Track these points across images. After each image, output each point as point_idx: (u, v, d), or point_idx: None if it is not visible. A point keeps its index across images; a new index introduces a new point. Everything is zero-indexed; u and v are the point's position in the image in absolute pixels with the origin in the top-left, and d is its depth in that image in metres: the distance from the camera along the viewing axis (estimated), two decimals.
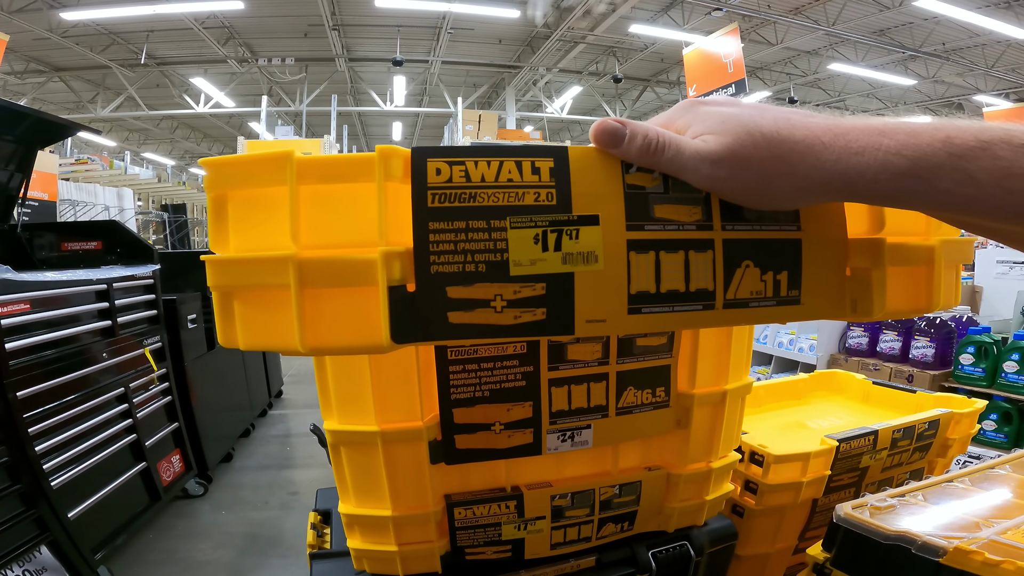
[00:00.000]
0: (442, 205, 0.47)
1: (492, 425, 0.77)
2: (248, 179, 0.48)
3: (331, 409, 0.76)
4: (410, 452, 0.76)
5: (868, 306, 0.56)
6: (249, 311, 0.50)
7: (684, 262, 0.51)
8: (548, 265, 0.48)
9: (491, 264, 0.48)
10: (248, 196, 0.49)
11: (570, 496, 0.84)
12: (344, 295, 0.47)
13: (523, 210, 0.48)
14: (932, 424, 1.20)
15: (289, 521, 3.33)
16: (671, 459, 0.90)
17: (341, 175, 0.48)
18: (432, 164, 0.47)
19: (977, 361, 3.03)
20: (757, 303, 0.54)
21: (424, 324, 0.48)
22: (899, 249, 0.57)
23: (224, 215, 0.49)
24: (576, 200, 0.49)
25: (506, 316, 0.49)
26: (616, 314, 0.50)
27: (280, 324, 0.48)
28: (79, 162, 12.17)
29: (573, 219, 0.48)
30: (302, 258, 0.46)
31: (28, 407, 2.27)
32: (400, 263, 0.47)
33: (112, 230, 3.52)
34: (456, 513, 0.81)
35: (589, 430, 0.81)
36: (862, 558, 0.82)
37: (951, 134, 0.40)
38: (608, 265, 0.49)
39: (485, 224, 0.47)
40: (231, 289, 0.50)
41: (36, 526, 2.25)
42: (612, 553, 0.91)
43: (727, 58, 10.55)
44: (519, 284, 0.48)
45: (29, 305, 2.36)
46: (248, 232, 0.49)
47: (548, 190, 0.48)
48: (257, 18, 11.59)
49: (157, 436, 3.14)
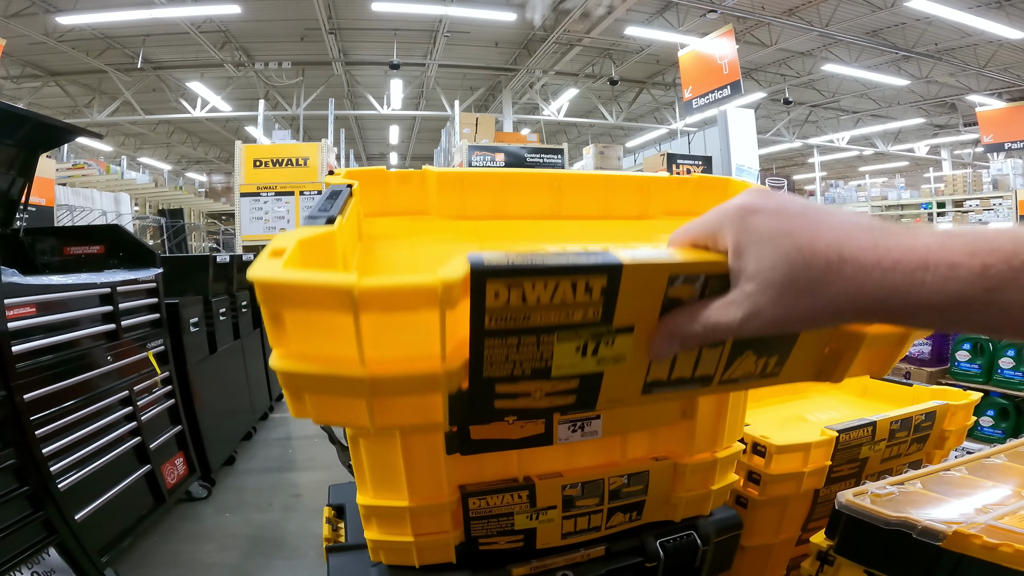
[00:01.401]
0: (498, 327, 0.49)
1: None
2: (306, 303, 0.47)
3: None
4: (427, 443, 0.78)
5: (830, 375, 0.62)
6: (321, 402, 0.52)
7: (696, 357, 0.56)
8: (584, 367, 0.53)
9: (536, 369, 0.52)
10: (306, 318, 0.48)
11: (580, 486, 0.87)
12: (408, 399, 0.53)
13: (571, 326, 0.50)
14: (928, 416, 1.23)
15: (292, 523, 3.34)
16: (677, 449, 0.92)
17: (403, 306, 0.47)
18: (491, 287, 0.47)
19: (973, 357, 3.06)
20: (745, 380, 0.60)
21: (475, 411, 0.54)
22: (876, 338, 0.62)
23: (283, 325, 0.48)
24: (619, 313, 0.51)
25: (542, 402, 0.54)
26: (632, 395, 0.57)
27: (351, 412, 0.52)
28: (76, 167, 12.16)
29: (612, 331, 0.52)
30: (373, 376, 0.48)
31: (35, 410, 2.28)
32: (458, 374, 0.51)
33: (114, 234, 3.53)
34: (471, 503, 0.83)
35: (599, 420, 0.84)
36: (865, 544, 0.84)
37: (987, 261, 0.40)
38: (632, 361, 0.54)
39: (535, 339, 0.50)
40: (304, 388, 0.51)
41: (44, 528, 2.26)
42: (621, 542, 0.93)
43: (722, 60, 10.61)
44: (558, 381, 0.53)
45: (35, 308, 2.38)
46: (309, 343, 0.49)
47: (596, 307, 0.50)
48: (253, 22, 11.62)
49: (161, 439, 3.15)
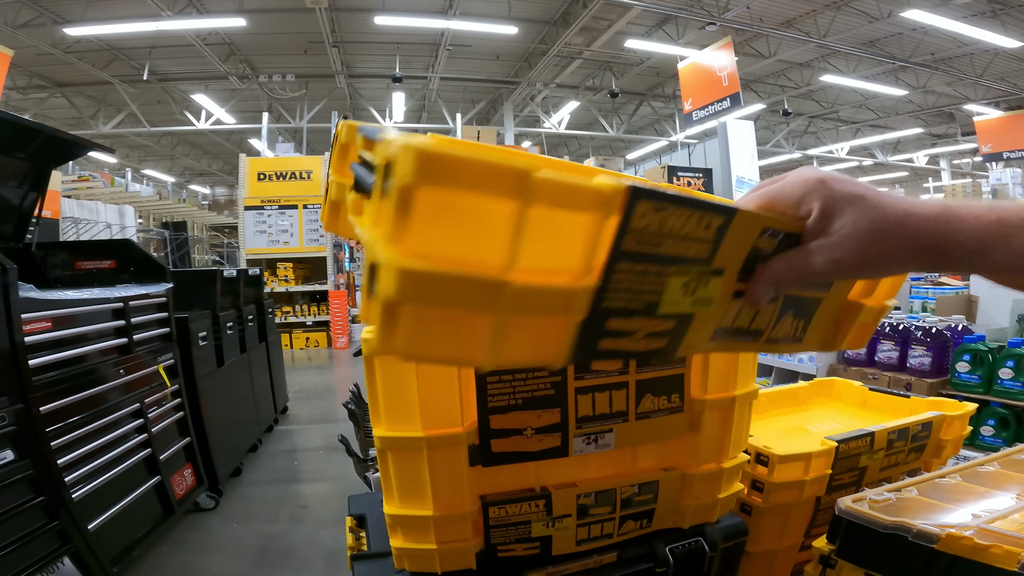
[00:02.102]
0: (634, 250, 0.48)
1: (524, 430, 0.85)
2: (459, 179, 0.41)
3: (380, 417, 0.83)
4: (451, 456, 0.83)
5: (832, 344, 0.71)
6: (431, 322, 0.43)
7: (754, 312, 0.60)
8: (683, 307, 0.53)
9: (648, 304, 0.51)
10: (456, 201, 0.41)
11: (594, 495, 0.91)
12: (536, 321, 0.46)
13: (683, 260, 0.51)
14: (925, 426, 1.28)
15: (300, 534, 3.37)
16: (685, 460, 0.97)
17: (571, 204, 0.44)
18: (641, 207, 0.46)
19: (973, 368, 3.10)
20: (784, 341, 0.65)
21: (581, 348, 0.50)
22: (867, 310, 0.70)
23: (410, 213, 0.40)
24: (719, 255, 0.53)
25: (639, 344, 0.52)
26: (703, 341, 0.57)
27: (467, 339, 0.45)
28: (81, 179, 12.27)
29: (709, 271, 0.53)
30: (517, 285, 0.43)
31: (50, 421, 2.33)
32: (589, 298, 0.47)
33: (125, 249, 3.58)
34: (491, 512, 0.88)
35: (611, 433, 0.89)
36: (864, 547, 0.89)
37: (1002, 215, 0.53)
38: (716, 307, 0.56)
39: (658, 269, 0.50)
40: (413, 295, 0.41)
41: (59, 538, 2.30)
42: (632, 549, 0.98)
43: (721, 71, 10.70)
44: (659, 320, 0.52)
45: (51, 323, 2.43)
46: (442, 239, 0.42)
47: (706, 245, 0.51)
48: (258, 35, 11.74)
49: (170, 450, 3.19)
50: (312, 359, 9.64)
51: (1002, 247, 0.53)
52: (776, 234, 0.56)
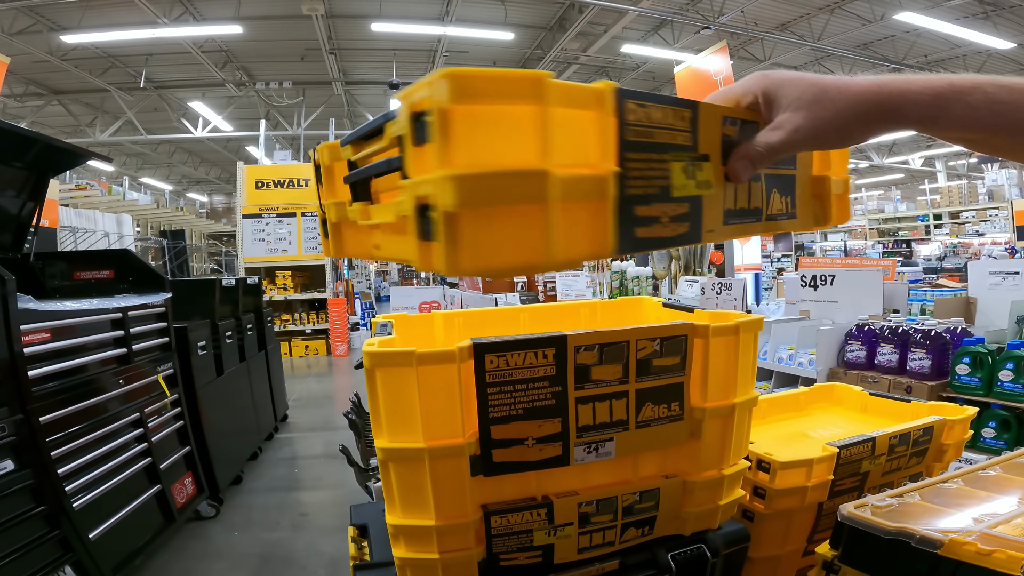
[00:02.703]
0: (635, 140, 0.56)
1: (525, 440, 0.85)
2: (486, 92, 0.46)
3: (381, 429, 0.83)
4: (452, 466, 0.83)
5: (825, 217, 0.80)
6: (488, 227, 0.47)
7: (748, 188, 0.69)
8: (689, 189, 0.62)
9: (661, 188, 0.59)
10: (483, 112, 0.46)
11: (595, 503, 0.91)
12: (581, 210, 0.52)
13: (675, 147, 0.60)
14: (926, 431, 1.28)
15: (301, 541, 3.37)
16: (686, 467, 0.97)
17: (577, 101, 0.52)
18: (629, 105, 0.56)
19: (973, 371, 3.09)
20: (781, 217, 0.74)
21: (622, 236, 0.55)
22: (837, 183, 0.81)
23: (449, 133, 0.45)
24: (700, 143, 0.62)
25: (668, 229, 0.60)
26: (718, 224, 0.66)
27: (527, 239, 0.48)
28: (78, 188, 12.23)
29: (698, 156, 0.62)
30: (558, 174, 0.48)
31: (50, 431, 2.33)
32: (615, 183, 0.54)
33: (123, 259, 3.59)
34: (493, 521, 0.88)
35: (612, 442, 0.89)
36: (867, 553, 0.89)
37: (953, 80, 0.59)
38: (717, 190, 0.65)
39: (658, 156, 0.59)
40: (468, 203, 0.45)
41: (61, 546, 2.31)
42: (634, 556, 0.98)
43: (717, 75, 10.71)
44: (676, 204, 0.60)
45: (50, 334, 2.43)
46: (482, 148, 0.46)
47: (687, 134, 0.61)
48: (255, 42, 11.75)
49: (171, 459, 3.19)
50: (312, 367, 9.64)
51: (957, 102, 0.58)
52: (735, 122, 0.65)
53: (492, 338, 0.82)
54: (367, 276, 16.84)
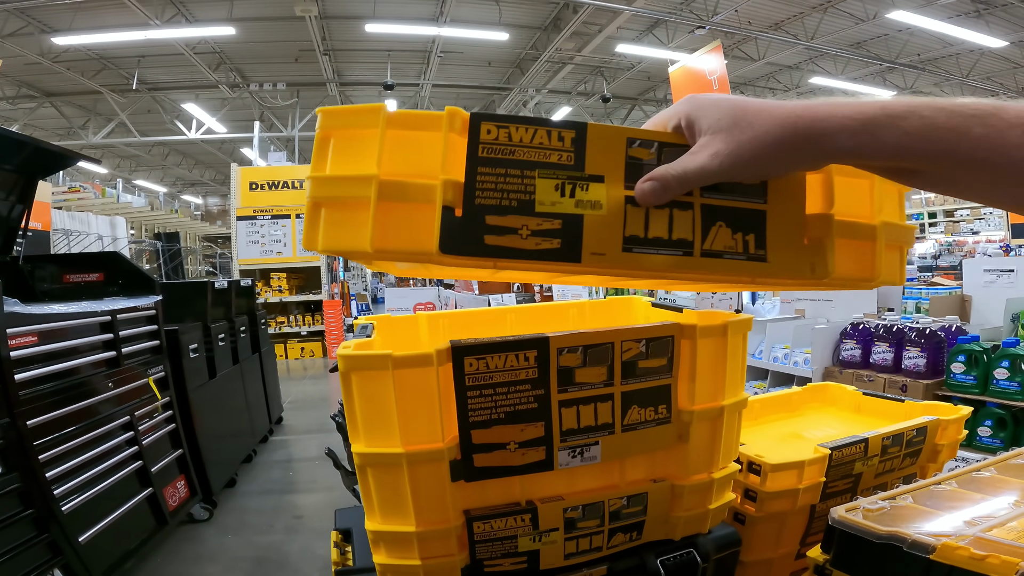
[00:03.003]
0: (489, 156, 0.61)
1: (507, 444, 0.83)
2: (349, 123, 0.64)
3: (358, 433, 0.81)
4: (432, 471, 0.81)
5: (824, 268, 0.68)
6: (333, 216, 0.63)
7: (668, 217, 0.64)
8: (564, 207, 0.62)
9: (522, 201, 0.62)
10: (347, 135, 0.64)
11: (581, 508, 0.89)
12: (408, 209, 0.61)
13: (548, 165, 0.62)
14: (920, 431, 1.26)
15: (295, 545, 3.35)
16: (675, 471, 0.95)
17: (418, 125, 0.63)
18: (484, 125, 0.62)
19: (968, 369, 3.09)
20: (730, 256, 0.66)
21: (465, 242, 0.61)
22: (847, 225, 0.69)
23: (326, 148, 0.64)
24: (589, 163, 0.63)
25: (529, 242, 0.62)
26: (613, 250, 0.63)
27: (356, 228, 0.61)
28: (72, 190, 12.21)
29: (584, 176, 0.63)
30: (383, 178, 0.61)
31: (38, 435, 2.32)
32: (453, 190, 0.61)
33: (113, 261, 3.56)
34: (475, 527, 0.86)
35: (597, 446, 0.87)
36: (858, 557, 0.87)
37: (886, 104, 0.54)
38: (609, 211, 0.63)
39: (520, 172, 0.62)
40: (322, 199, 0.63)
41: (49, 550, 2.30)
42: (622, 562, 0.96)
43: (711, 75, 10.71)
44: (541, 219, 0.62)
45: (37, 337, 2.41)
46: (344, 159, 0.63)
47: (568, 153, 0.62)
48: (248, 43, 11.73)
49: (162, 462, 3.17)
50: (307, 369, 9.61)
51: (890, 127, 0.53)
52: (650, 144, 0.64)
53: (471, 340, 0.80)
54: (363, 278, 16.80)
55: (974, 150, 0.51)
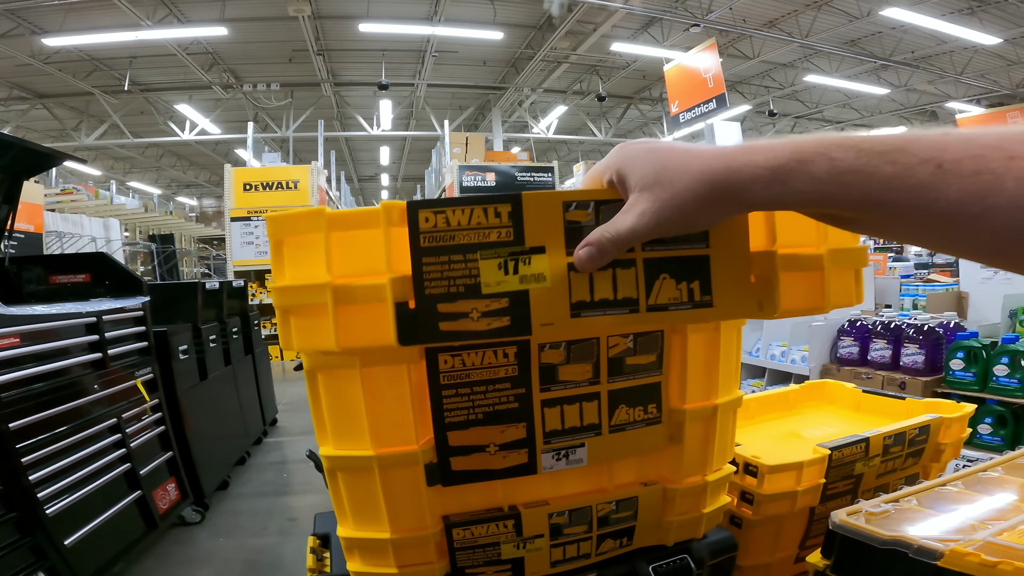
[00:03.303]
0: (431, 245, 0.63)
1: (487, 447, 0.78)
2: (296, 229, 0.67)
3: (326, 435, 0.76)
4: (406, 475, 0.76)
5: (772, 305, 0.69)
6: (301, 322, 0.68)
7: (612, 277, 0.65)
8: (509, 285, 0.64)
9: (468, 286, 0.63)
10: (297, 241, 0.67)
11: (568, 513, 0.84)
12: (365, 310, 0.64)
13: (489, 245, 0.63)
14: (923, 430, 1.22)
15: (288, 547, 3.30)
16: (666, 474, 0.90)
17: (357, 224, 0.65)
18: (422, 214, 0.63)
19: (967, 366, 3.05)
20: (675, 307, 0.67)
21: (422, 331, 0.64)
22: (792, 258, 0.70)
23: (282, 255, 0.68)
24: (528, 235, 0.64)
25: (481, 323, 0.64)
26: (561, 318, 0.65)
27: (322, 330, 0.65)
28: (64, 192, 12.13)
29: (526, 250, 0.64)
30: (335, 284, 0.64)
31: (21, 438, 2.28)
32: (402, 286, 0.63)
33: (100, 262, 3.51)
34: (455, 534, 0.81)
35: (583, 448, 0.82)
36: (860, 564, 0.82)
37: (798, 147, 0.50)
38: (553, 282, 0.64)
39: (462, 257, 0.63)
40: (289, 308, 0.68)
41: (33, 553, 2.27)
42: (613, 569, 0.91)
43: (707, 73, 10.69)
44: (489, 300, 0.63)
45: (19, 339, 2.36)
46: (298, 266, 0.67)
47: (507, 228, 0.63)
48: (241, 44, 11.67)
49: (151, 465, 3.12)
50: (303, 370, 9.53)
51: (800, 174, 0.49)
52: (586, 205, 0.64)
53: None
54: None
55: (886, 192, 0.45)
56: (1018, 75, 14.35)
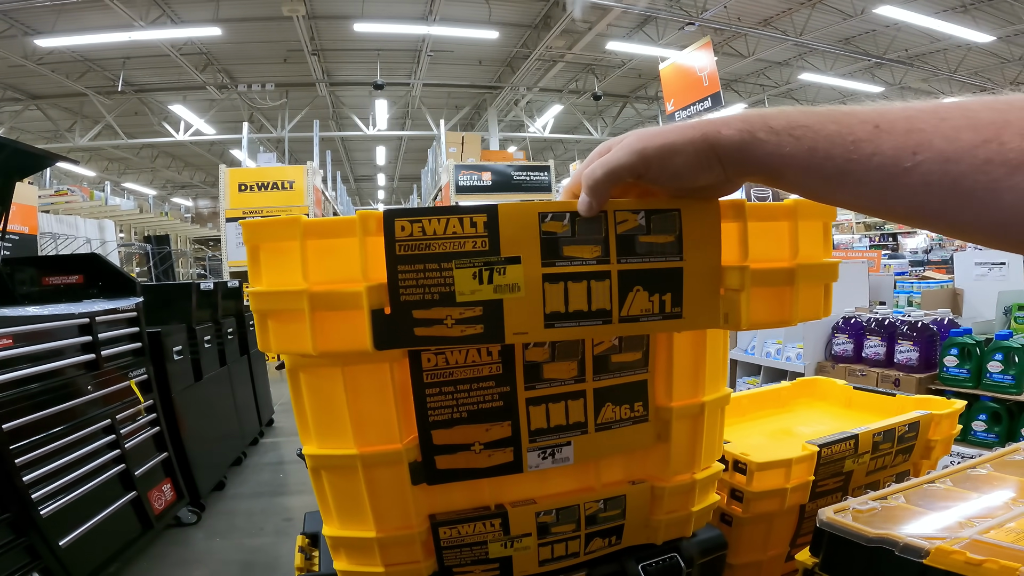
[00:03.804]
0: (406, 253, 0.64)
1: (472, 445, 0.78)
2: (272, 236, 0.68)
3: (309, 434, 0.76)
4: (390, 474, 0.76)
5: (736, 319, 0.70)
6: (278, 326, 0.68)
7: (587, 289, 0.66)
8: (483, 294, 0.65)
9: (443, 294, 0.65)
10: (273, 247, 0.68)
11: (555, 512, 0.84)
12: (341, 316, 0.66)
13: (464, 254, 0.64)
14: (912, 426, 1.22)
15: (285, 547, 3.29)
16: (654, 472, 0.90)
17: (333, 232, 0.66)
18: (398, 223, 0.64)
19: (961, 362, 3.05)
20: (647, 318, 0.68)
21: (397, 336, 0.65)
22: (763, 273, 0.70)
23: (258, 260, 0.69)
24: (504, 245, 0.64)
25: (455, 330, 0.65)
26: (535, 328, 0.66)
27: (299, 334, 0.66)
28: (59, 193, 12.07)
29: (500, 260, 0.65)
30: (312, 291, 0.65)
31: (15, 438, 2.28)
32: (378, 293, 0.65)
33: (93, 263, 3.50)
34: (441, 533, 0.81)
35: (570, 447, 0.82)
36: (848, 561, 0.82)
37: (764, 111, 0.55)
38: (528, 292, 0.65)
39: (437, 266, 0.64)
40: (266, 312, 0.68)
41: (27, 554, 2.26)
42: (602, 568, 0.91)
43: (702, 72, 10.70)
44: (463, 308, 0.65)
45: (12, 340, 2.35)
46: (275, 272, 0.68)
47: (483, 239, 0.64)
48: (235, 44, 11.64)
49: (146, 466, 3.11)
50: None
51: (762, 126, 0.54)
52: (561, 216, 0.65)
53: None
54: None
55: (831, 147, 0.49)
56: (1011, 73, 14.39)
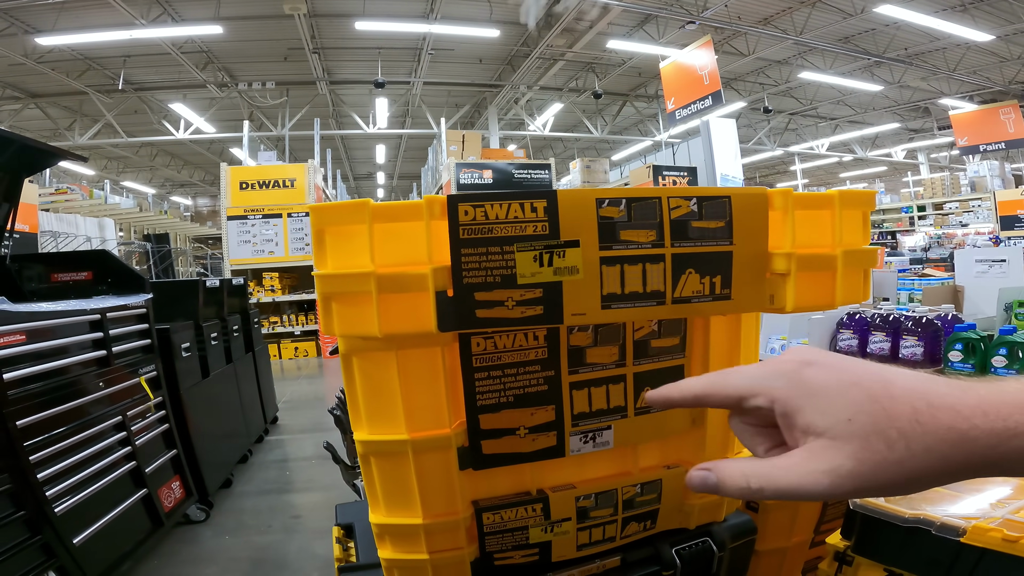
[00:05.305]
0: (469, 237, 0.67)
1: (517, 429, 0.79)
2: (339, 219, 0.69)
3: (360, 420, 0.77)
4: (439, 459, 0.77)
5: (782, 301, 0.73)
6: (343, 308, 0.70)
7: (642, 272, 0.69)
8: (543, 276, 0.67)
9: (504, 276, 0.67)
10: (340, 231, 0.69)
11: (594, 497, 0.86)
12: (406, 298, 0.67)
13: (525, 238, 0.67)
14: None
15: (293, 544, 3.29)
16: (689, 457, 0.92)
17: (400, 216, 0.69)
18: (462, 207, 0.66)
19: (966, 357, 3.07)
20: (698, 299, 0.71)
21: (460, 318, 0.67)
22: (807, 259, 0.73)
23: (324, 243, 0.70)
24: (563, 229, 0.67)
25: (516, 312, 0.68)
26: (592, 309, 0.69)
27: (364, 316, 0.68)
28: (59, 192, 12.06)
29: (560, 243, 0.67)
30: (379, 273, 0.67)
31: (28, 436, 2.27)
32: (442, 276, 0.67)
33: (102, 260, 3.50)
34: (485, 518, 0.82)
35: (610, 431, 0.83)
36: (882, 542, 0.84)
37: None
38: (586, 275, 0.68)
39: (500, 249, 0.67)
40: (332, 294, 0.70)
41: (43, 552, 2.25)
42: (636, 552, 0.93)
43: (702, 70, 10.72)
44: (524, 289, 0.67)
45: (25, 336, 2.35)
46: (341, 255, 0.69)
47: (543, 223, 0.67)
48: (236, 42, 11.62)
49: (156, 463, 3.11)
50: (302, 368, 9.52)
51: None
52: (617, 202, 0.68)
53: None
54: None
55: None
56: (1010, 71, 14.43)
